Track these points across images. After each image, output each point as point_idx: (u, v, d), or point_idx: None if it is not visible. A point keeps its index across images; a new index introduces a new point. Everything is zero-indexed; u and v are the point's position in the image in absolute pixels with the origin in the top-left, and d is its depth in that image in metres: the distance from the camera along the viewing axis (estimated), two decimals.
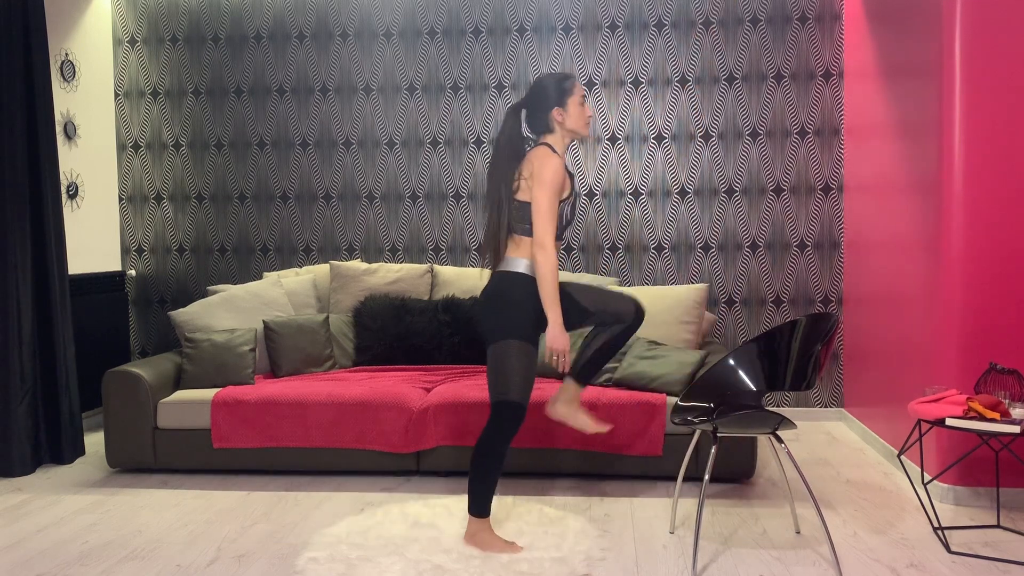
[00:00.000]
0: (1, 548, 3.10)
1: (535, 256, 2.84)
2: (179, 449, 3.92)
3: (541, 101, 2.96)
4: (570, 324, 2.94)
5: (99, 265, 5.06)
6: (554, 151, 2.92)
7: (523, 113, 3.01)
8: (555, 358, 2.86)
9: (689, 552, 2.97)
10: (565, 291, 3.00)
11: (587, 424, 3.05)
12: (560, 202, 2.91)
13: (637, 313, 2.99)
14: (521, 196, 2.90)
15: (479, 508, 2.93)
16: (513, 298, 2.88)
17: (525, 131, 3.03)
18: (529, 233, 2.89)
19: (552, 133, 2.97)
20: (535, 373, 2.92)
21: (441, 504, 3.42)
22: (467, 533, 2.97)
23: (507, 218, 2.91)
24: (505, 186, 2.92)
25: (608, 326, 3.02)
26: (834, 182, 4.87)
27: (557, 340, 2.83)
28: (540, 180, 2.83)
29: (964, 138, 3.37)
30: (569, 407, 3.07)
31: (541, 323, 2.89)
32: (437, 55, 5.05)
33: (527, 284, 2.89)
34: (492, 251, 2.97)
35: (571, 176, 2.98)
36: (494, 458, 2.88)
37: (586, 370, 3.05)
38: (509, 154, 2.96)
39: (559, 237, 2.98)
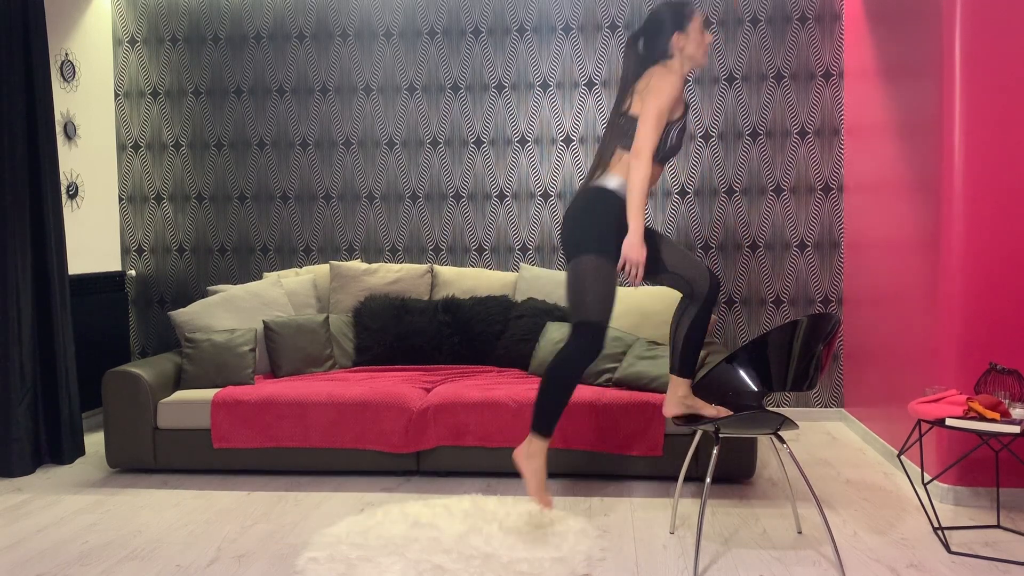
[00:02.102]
0: (1, 548, 3.10)
1: (631, 163, 2.73)
2: (179, 449, 3.93)
3: (660, 27, 2.89)
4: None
5: (99, 265, 5.06)
6: (673, 71, 2.84)
7: (640, 43, 2.93)
8: (628, 268, 2.77)
9: (689, 552, 2.97)
10: (652, 236, 2.92)
11: (710, 411, 2.94)
12: (669, 122, 2.81)
13: (712, 287, 2.91)
14: (633, 109, 2.82)
15: (545, 426, 2.83)
16: (595, 211, 2.79)
17: (643, 62, 2.93)
18: (631, 148, 2.79)
19: (671, 59, 2.89)
20: (615, 290, 2.83)
21: (441, 504, 3.42)
22: (521, 450, 2.86)
23: (615, 132, 2.83)
24: (619, 104, 2.86)
25: (682, 304, 2.95)
26: (834, 182, 4.87)
27: (634, 249, 2.74)
28: (655, 90, 2.75)
29: (964, 138, 3.37)
30: (683, 403, 2.99)
31: (623, 242, 2.79)
32: (437, 55, 5.05)
33: (614, 200, 2.80)
34: (594, 165, 2.91)
35: (686, 104, 2.90)
36: (570, 377, 2.79)
37: (686, 364, 2.97)
38: (629, 75, 2.90)
39: (662, 160, 2.88)
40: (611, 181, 2.83)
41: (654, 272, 2.94)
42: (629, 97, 2.86)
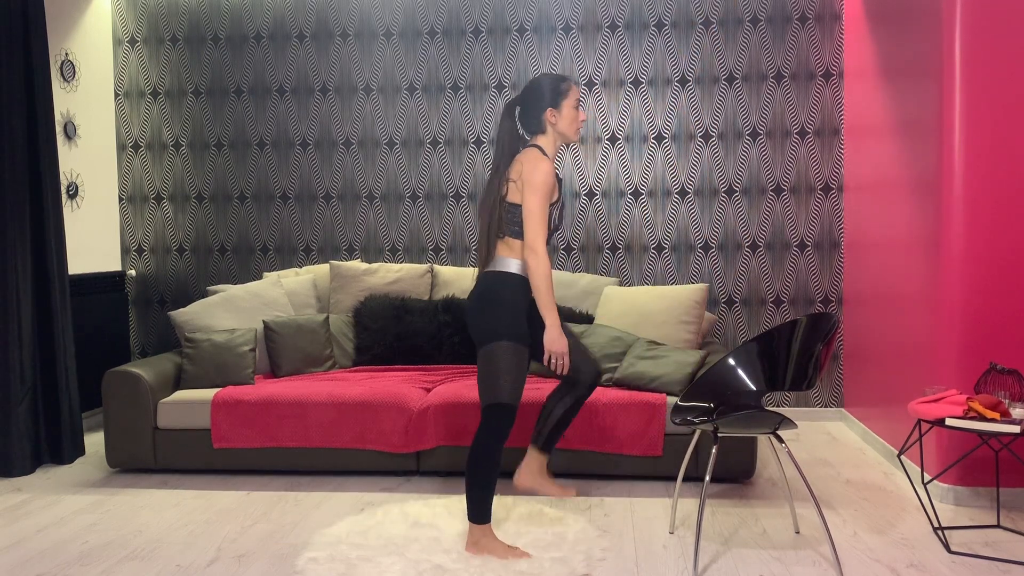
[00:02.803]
0: (1, 548, 3.10)
1: (527, 261, 2.81)
2: (179, 449, 3.92)
3: (536, 100, 2.93)
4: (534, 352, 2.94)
5: (99, 265, 5.06)
6: (544, 154, 2.89)
7: (517, 111, 2.99)
8: (554, 361, 2.85)
9: (689, 552, 2.97)
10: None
11: (555, 492, 3.09)
12: (550, 206, 2.88)
13: (593, 382, 3.02)
14: (510, 198, 2.87)
15: (479, 515, 2.88)
16: (503, 298, 2.85)
17: (519, 129, 3.01)
18: (518, 235, 2.86)
19: (544, 134, 2.94)
20: (526, 374, 2.90)
21: (441, 504, 3.42)
22: (469, 541, 2.92)
23: (497, 220, 2.89)
24: (497, 187, 2.90)
25: (563, 388, 3.04)
26: (834, 182, 4.87)
27: (556, 343, 2.82)
28: (530, 184, 2.81)
29: (964, 138, 3.37)
30: (536, 478, 3.09)
31: (533, 323, 2.87)
32: (437, 55, 5.05)
33: (517, 283, 2.86)
34: (483, 253, 2.94)
35: (559, 181, 2.95)
36: (490, 462, 2.85)
37: (549, 441, 3.08)
38: (505, 154, 2.94)
39: (547, 242, 2.95)
40: (511, 265, 2.88)
41: (538, 355, 2.97)
42: (505, 183, 2.90)
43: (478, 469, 2.86)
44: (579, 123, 2.96)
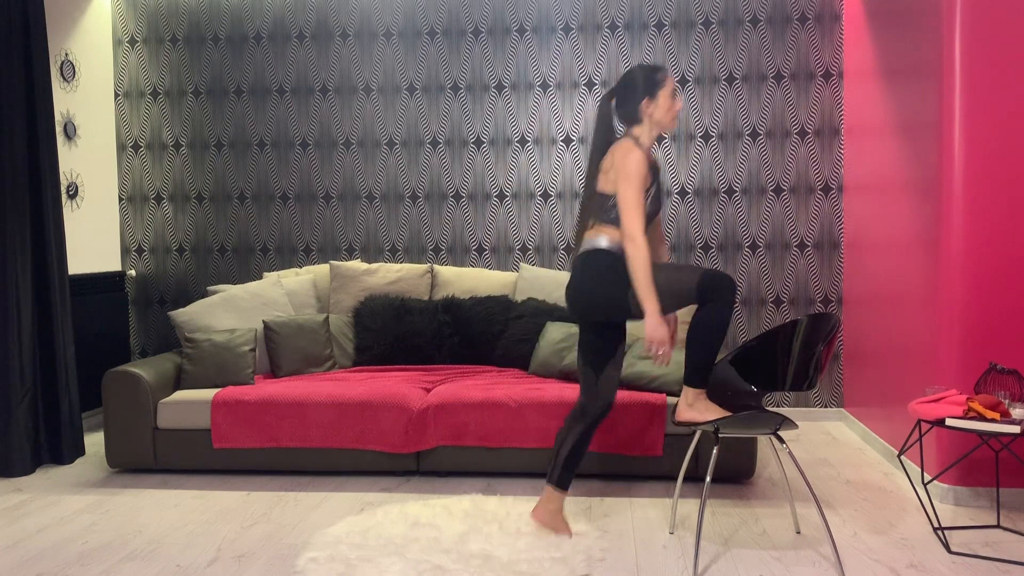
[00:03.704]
0: (1, 548, 3.10)
1: (626, 249, 2.80)
2: (179, 449, 3.92)
3: (631, 91, 2.95)
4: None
5: (99, 265, 5.06)
6: (637, 143, 2.90)
7: (612, 102, 3.00)
8: (654, 349, 2.80)
9: (689, 552, 2.97)
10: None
11: (566, 533, 3.04)
12: (644, 192, 2.87)
13: (601, 414, 2.98)
14: (602, 188, 2.91)
15: (698, 378, 2.84)
16: (600, 273, 2.87)
17: (615, 121, 3.02)
18: (610, 222, 2.89)
19: (640, 124, 2.95)
20: (621, 358, 2.93)
21: (441, 504, 3.42)
22: (680, 407, 2.87)
23: (592, 203, 2.93)
24: (591, 178, 2.95)
25: (568, 423, 3.01)
26: (834, 182, 4.87)
27: (656, 331, 2.77)
28: (623, 173, 2.82)
29: (964, 138, 3.37)
30: (554, 518, 3.05)
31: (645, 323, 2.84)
32: (437, 55, 5.05)
33: (608, 257, 2.87)
34: (579, 235, 2.98)
35: (655, 169, 2.96)
36: (722, 327, 2.79)
37: (562, 477, 3.03)
38: (601, 145, 2.97)
39: (644, 230, 2.92)
40: (601, 241, 2.91)
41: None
42: (600, 174, 2.94)
43: (710, 334, 2.79)
44: (675, 111, 2.96)
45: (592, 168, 2.98)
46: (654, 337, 2.78)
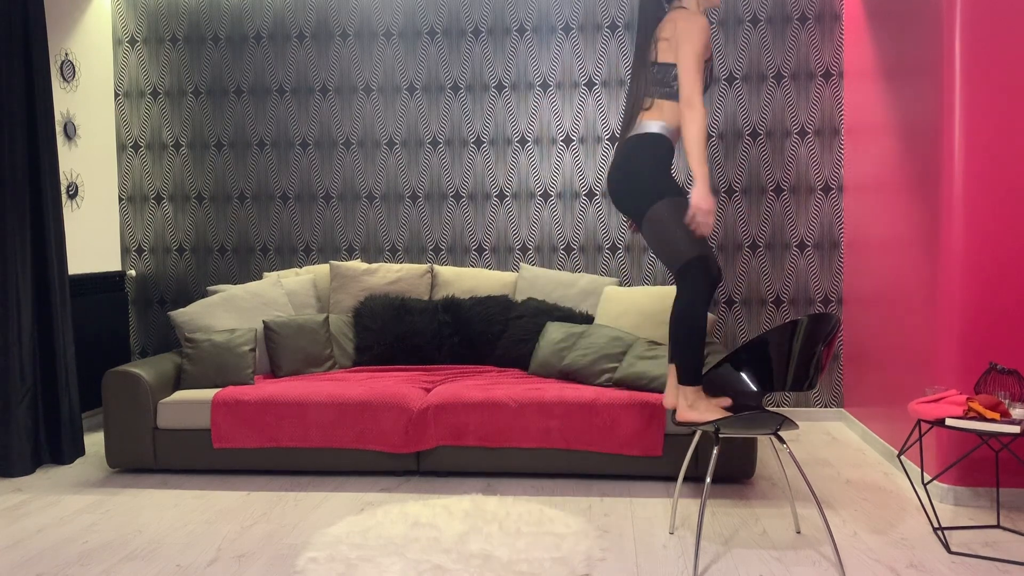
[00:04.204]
0: (1, 548, 3.10)
1: (683, 114, 2.74)
2: (179, 449, 3.92)
3: None
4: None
5: (99, 265, 5.06)
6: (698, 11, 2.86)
7: None
8: (698, 218, 2.74)
9: (689, 552, 2.97)
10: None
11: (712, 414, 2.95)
12: (704, 62, 2.83)
13: (719, 273, 2.89)
14: (662, 58, 2.82)
15: (693, 377, 2.81)
16: (649, 158, 2.79)
17: None
18: (669, 96, 2.80)
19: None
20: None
21: (441, 504, 3.42)
22: (683, 406, 2.84)
23: (645, 82, 2.83)
24: (643, 52, 2.86)
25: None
26: (834, 182, 4.87)
27: (704, 199, 2.72)
28: (687, 38, 2.75)
29: (964, 138, 3.37)
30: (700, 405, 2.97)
31: (691, 193, 2.78)
32: (437, 55, 5.05)
33: (661, 143, 2.81)
34: (626, 122, 2.90)
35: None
36: (695, 323, 2.77)
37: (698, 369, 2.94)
38: (650, 20, 2.91)
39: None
40: (652, 126, 2.82)
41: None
42: (654, 45, 2.85)
43: (684, 332, 2.76)
44: None
45: (643, 43, 2.86)
46: (700, 206, 2.72)
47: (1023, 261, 3.36)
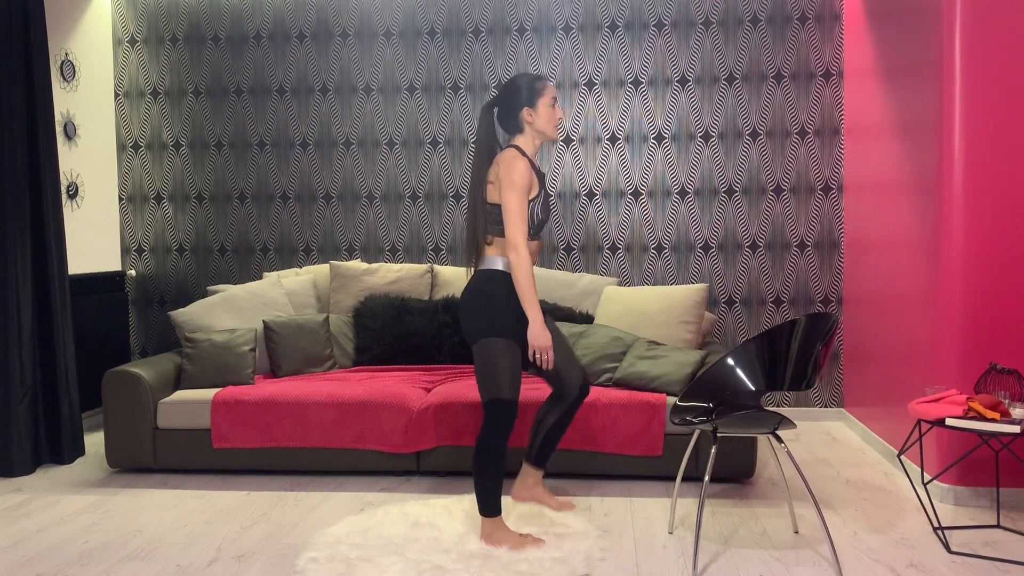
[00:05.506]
0: (1, 548, 3.10)
1: (508, 257, 2.85)
2: (179, 449, 3.93)
3: (512, 101, 2.96)
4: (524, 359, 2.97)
5: (99, 265, 5.07)
6: (522, 153, 2.92)
7: (495, 112, 3.02)
8: (539, 356, 2.87)
9: (689, 552, 2.97)
10: (550, 325, 3.06)
11: (553, 504, 3.13)
12: (529, 202, 2.91)
13: (581, 392, 3.06)
14: (491, 199, 2.92)
15: (489, 508, 2.95)
16: (492, 295, 2.90)
17: (498, 130, 3.04)
18: (502, 234, 2.90)
19: (522, 133, 2.97)
20: (521, 370, 2.94)
21: (441, 504, 3.42)
22: (483, 533, 2.97)
23: (482, 220, 2.94)
24: (479, 188, 2.94)
25: (548, 403, 3.09)
26: (834, 182, 4.87)
27: (539, 338, 2.85)
28: (508, 183, 2.84)
29: (964, 138, 3.37)
30: (533, 491, 3.14)
31: (523, 320, 2.90)
32: (437, 55, 5.05)
33: (507, 281, 2.90)
34: (471, 252, 3.00)
35: (541, 175, 2.98)
36: (495, 457, 2.91)
37: (541, 454, 3.13)
38: (484, 155, 2.98)
39: (535, 236, 2.99)
40: (496, 263, 2.93)
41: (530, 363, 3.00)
42: (484, 184, 2.94)
43: (484, 464, 2.91)
44: (556, 120, 2.99)
45: (477, 178, 2.96)
46: (536, 344, 2.85)
47: (1023, 261, 3.36)
